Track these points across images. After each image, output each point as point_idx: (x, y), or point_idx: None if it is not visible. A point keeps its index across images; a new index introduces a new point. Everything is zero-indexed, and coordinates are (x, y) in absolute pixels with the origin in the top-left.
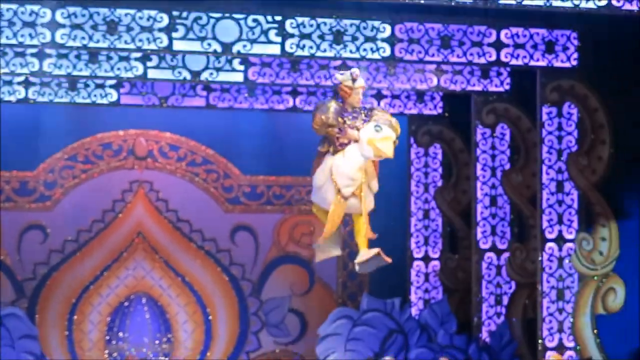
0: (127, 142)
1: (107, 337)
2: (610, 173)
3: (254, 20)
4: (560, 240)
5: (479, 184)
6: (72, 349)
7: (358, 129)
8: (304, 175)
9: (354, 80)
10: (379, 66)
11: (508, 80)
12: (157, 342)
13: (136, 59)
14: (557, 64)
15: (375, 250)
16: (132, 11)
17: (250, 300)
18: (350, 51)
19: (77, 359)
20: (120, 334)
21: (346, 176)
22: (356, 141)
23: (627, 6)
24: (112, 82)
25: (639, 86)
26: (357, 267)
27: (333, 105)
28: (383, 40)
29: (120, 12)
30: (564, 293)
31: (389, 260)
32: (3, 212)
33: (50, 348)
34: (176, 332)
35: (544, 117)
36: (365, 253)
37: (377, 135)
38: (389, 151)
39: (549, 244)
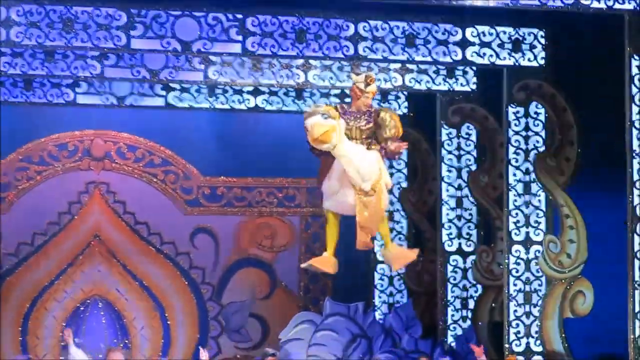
0: (83, 143)
1: (63, 343)
2: (579, 174)
3: (214, 18)
4: (527, 242)
5: (444, 185)
6: (26, 355)
7: (360, 130)
8: (266, 176)
9: (367, 84)
10: (342, 65)
11: (474, 79)
12: (113, 345)
13: (93, 58)
14: (524, 63)
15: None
16: (89, 9)
17: (210, 305)
18: (313, 50)
19: None
20: (76, 340)
21: (362, 171)
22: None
23: (595, 4)
24: (69, 81)
25: (608, 85)
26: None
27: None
28: (346, 38)
29: (77, 9)
30: (531, 296)
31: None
32: None
33: (4, 354)
34: (133, 338)
35: (511, 117)
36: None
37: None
38: (312, 132)
39: (516, 246)
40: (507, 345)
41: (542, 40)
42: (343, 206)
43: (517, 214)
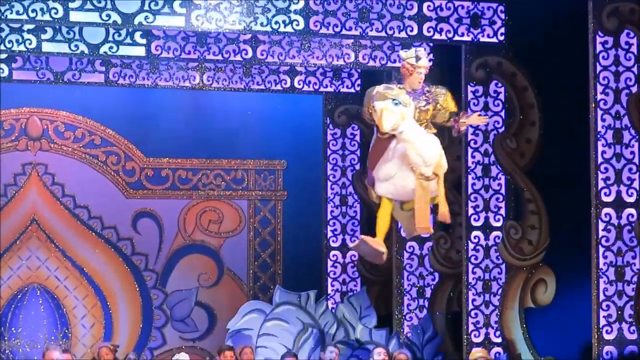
0: (19, 122)
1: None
2: (540, 156)
3: None
4: (486, 228)
5: None
6: None
7: (420, 110)
8: (212, 157)
9: (417, 58)
10: (292, 40)
11: (431, 56)
12: (53, 337)
13: (29, 31)
14: (484, 39)
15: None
16: None
17: (154, 293)
18: (262, 24)
19: None
20: (13, 329)
21: (434, 151)
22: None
23: None
24: (4, 55)
25: (571, 63)
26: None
27: (373, 93)
28: (296, 12)
29: None
30: (491, 285)
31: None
32: None
33: None
34: (74, 327)
35: (469, 95)
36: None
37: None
38: (381, 120)
39: (475, 232)
40: (465, 336)
41: (502, 16)
42: (400, 191)
43: (476, 198)
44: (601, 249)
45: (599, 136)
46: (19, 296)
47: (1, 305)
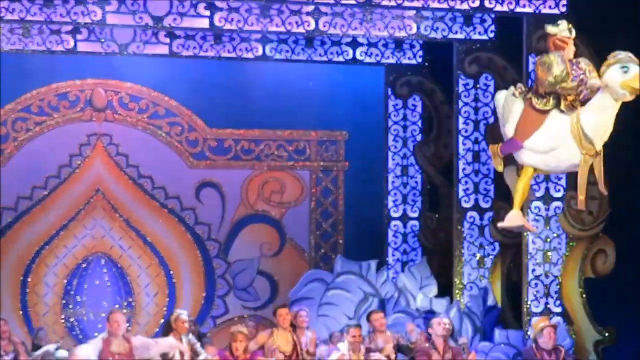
0: (84, 93)
1: (64, 301)
2: None
3: None
4: (546, 198)
5: (461, 139)
6: (25, 313)
7: (582, 80)
8: (274, 128)
9: (570, 30)
10: (354, 12)
11: (492, 27)
12: (117, 306)
13: (94, 3)
14: (545, 10)
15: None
16: None
17: (217, 262)
18: None
19: (31, 323)
20: (78, 298)
21: (605, 129)
22: (597, 90)
23: None
24: (69, 27)
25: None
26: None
27: (557, 59)
28: None
29: None
30: (551, 255)
31: (534, 229)
32: None
33: (3, 312)
34: (137, 296)
35: (531, 66)
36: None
37: (628, 76)
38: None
39: (535, 203)
40: (525, 306)
41: None
42: (561, 163)
43: None
44: None
45: None
46: (84, 265)
47: (67, 274)
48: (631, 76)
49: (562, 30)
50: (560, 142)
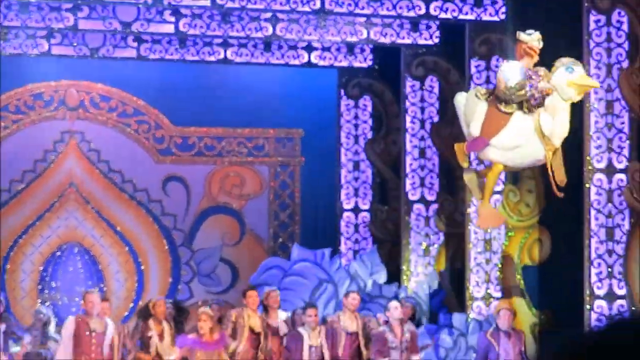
0: (58, 93)
1: (40, 287)
2: None
3: None
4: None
5: (408, 137)
6: (5, 298)
7: (536, 88)
8: (235, 127)
9: (539, 41)
10: (309, 18)
11: (437, 33)
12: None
13: (67, 10)
14: (486, 17)
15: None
16: None
17: (182, 250)
18: (281, 3)
19: (10, 307)
20: (53, 284)
21: (565, 128)
22: (548, 95)
23: None
24: (43, 32)
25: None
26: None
27: (517, 72)
28: None
29: None
30: (492, 243)
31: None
32: None
33: None
34: (108, 282)
35: (473, 69)
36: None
37: (573, 76)
38: (594, 82)
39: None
40: (468, 291)
41: None
42: (525, 159)
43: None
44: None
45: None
46: (58, 253)
47: (42, 261)
48: (576, 76)
49: (533, 40)
50: (524, 140)
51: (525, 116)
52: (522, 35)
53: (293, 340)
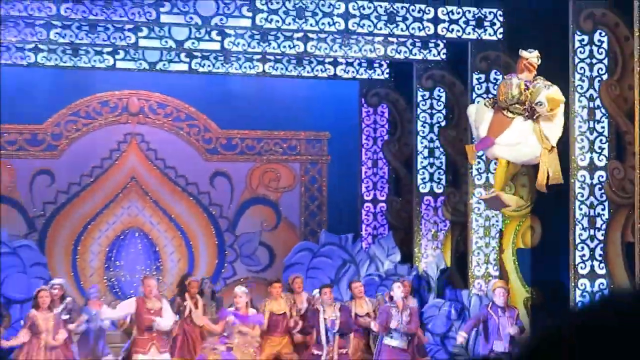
0: (122, 101)
1: (106, 265)
2: None
3: None
4: (486, 185)
5: (419, 138)
6: (76, 275)
7: (529, 100)
8: (272, 130)
9: (538, 58)
10: (335, 38)
11: (444, 50)
12: (148, 269)
13: (129, 30)
14: (485, 37)
15: (492, 193)
16: None
17: (227, 235)
18: (311, 25)
19: (80, 283)
20: (117, 263)
21: (559, 129)
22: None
23: None
24: (109, 49)
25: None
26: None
27: (515, 87)
28: (339, 15)
29: None
30: (491, 230)
31: (510, 204)
32: (16, 160)
33: (58, 274)
34: (164, 261)
35: (474, 82)
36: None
37: (544, 107)
38: (559, 98)
39: (478, 189)
40: (470, 271)
41: (501, 18)
42: (523, 156)
43: (479, 162)
44: None
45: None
46: (121, 237)
47: (108, 244)
48: (547, 104)
49: (533, 57)
50: (523, 139)
51: (524, 119)
52: (524, 53)
53: (312, 315)
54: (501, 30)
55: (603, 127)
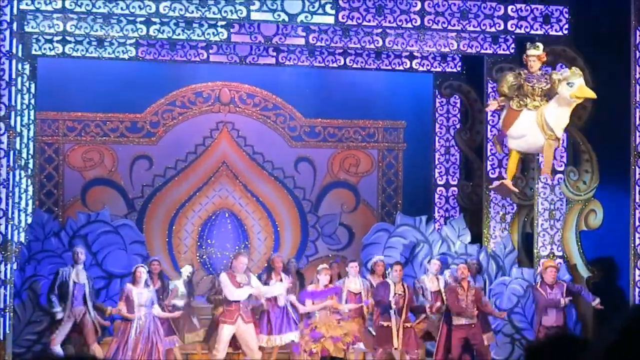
0: (214, 92)
1: (199, 243)
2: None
3: None
4: (552, 171)
5: (489, 127)
6: (171, 252)
7: (541, 89)
8: (352, 119)
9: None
10: (411, 34)
11: (513, 45)
12: (237, 247)
13: (222, 26)
14: (552, 32)
15: (499, 182)
16: None
17: (310, 216)
18: (389, 21)
19: (175, 259)
20: (209, 241)
21: (565, 121)
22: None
23: None
24: (203, 44)
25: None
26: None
27: (509, 77)
28: (415, 13)
29: None
30: (555, 213)
31: (515, 190)
32: (118, 146)
33: (154, 251)
34: (252, 240)
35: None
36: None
37: (574, 89)
38: (591, 93)
39: (545, 175)
40: (536, 250)
41: (566, 15)
42: (530, 146)
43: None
44: None
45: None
46: (213, 217)
47: (200, 224)
48: (576, 88)
49: (532, 52)
50: (527, 131)
51: (530, 112)
52: (531, 50)
53: (382, 287)
54: (567, 26)
55: None
